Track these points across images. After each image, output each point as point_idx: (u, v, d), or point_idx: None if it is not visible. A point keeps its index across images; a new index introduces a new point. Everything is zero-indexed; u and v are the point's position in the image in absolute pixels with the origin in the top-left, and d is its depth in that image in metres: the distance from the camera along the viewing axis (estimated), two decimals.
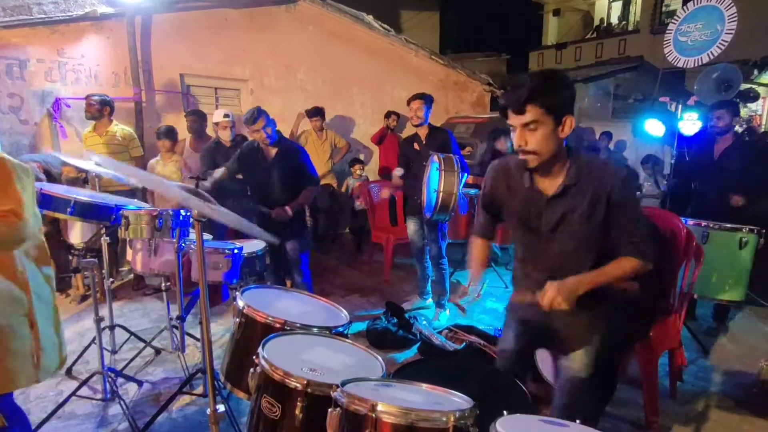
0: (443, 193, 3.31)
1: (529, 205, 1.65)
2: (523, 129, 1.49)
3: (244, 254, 2.81)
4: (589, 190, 1.56)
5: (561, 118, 1.48)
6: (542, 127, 1.47)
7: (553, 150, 1.52)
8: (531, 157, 1.51)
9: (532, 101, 1.44)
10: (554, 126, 1.48)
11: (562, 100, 1.48)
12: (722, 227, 3.18)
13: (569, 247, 1.62)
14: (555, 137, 1.50)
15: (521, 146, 1.51)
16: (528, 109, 1.45)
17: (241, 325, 1.65)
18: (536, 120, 1.46)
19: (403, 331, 3.63)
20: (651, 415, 2.62)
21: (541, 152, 1.50)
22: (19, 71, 4.61)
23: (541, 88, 1.45)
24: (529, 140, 1.49)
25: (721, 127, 3.72)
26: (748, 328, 3.98)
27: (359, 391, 1.08)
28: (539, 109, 1.45)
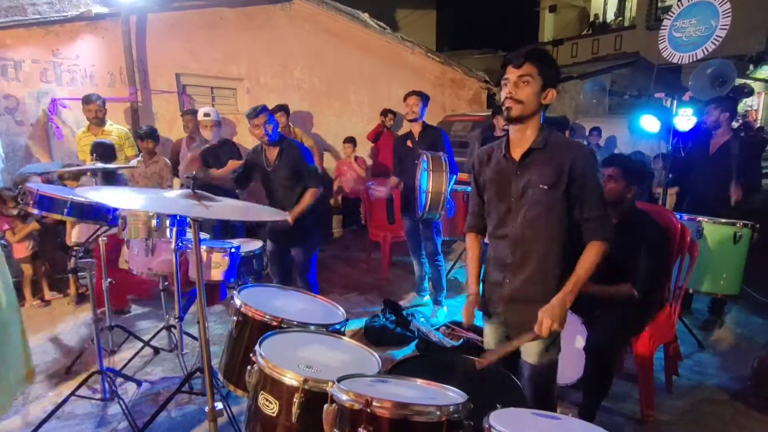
0: (431, 193, 3.36)
1: (502, 173, 1.82)
2: (517, 81, 1.69)
3: (242, 253, 2.82)
4: (554, 160, 1.72)
5: (547, 86, 1.71)
6: (532, 85, 1.68)
7: (533, 108, 1.71)
8: (515, 105, 1.69)
9: (531, 60, 1.68)
10: (540, 89, 1.70)
11: (552, 73, 1.72)
12: (717, 222, 3.21)
13: (532, 214, 1.75)
14: (537, 99, 1.71)
15: (510, 94, 1.70)
16: (526, 65, 1.67)
17: (238, 324, 1.66)
18: (530, 75, 1.67)
19: (401, 328, 3.64)
20: (647, 409, 2.65)
21: (525, 104, 1.69)
22: (14, 72, 4.59)
23: (540, 54, 1.71)
24: (518, 91, 1.69)
25: (709, 123, 3.74)
26: (743, 322, 4.01)
27: (355, 387, 1.09)
28: (534, 68, 1.68)
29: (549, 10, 16.84)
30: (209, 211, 1.18)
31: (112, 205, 1.17)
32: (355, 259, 5.74)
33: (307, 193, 3.33)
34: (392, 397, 1.04)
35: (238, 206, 1.34)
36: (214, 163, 4.24)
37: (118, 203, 1.18)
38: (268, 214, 1.47)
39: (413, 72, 7.21)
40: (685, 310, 4.01)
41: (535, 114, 1.74)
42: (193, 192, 1.24)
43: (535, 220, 1.76)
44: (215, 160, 4.20)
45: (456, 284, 4.91)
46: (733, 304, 4.12)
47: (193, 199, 1.22)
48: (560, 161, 1.72)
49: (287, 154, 3.31)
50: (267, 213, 1.47)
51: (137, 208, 1.22)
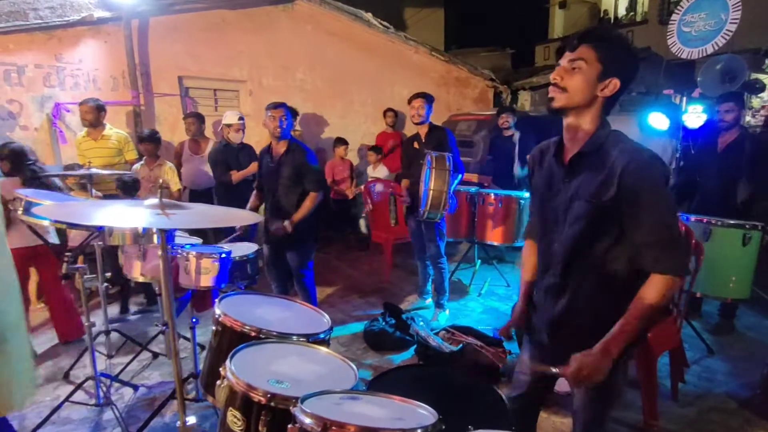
0: (433, 191, 3.32)
1: (550, 178, 1.53)
2: (567, 65, 1.39)
3: (235, 258, 2.78)
4: (604, 168, 1.37)
5: (608, 75, 1.37)
6: (585, 71, 1.37)
7: (584, 100, 1.39)
8: (559, 94, 1.40)
9: (589, 41, 1.37)
10: (597, 78, 1.37)
11: (619, 59, 1.38)
12: (725, 223, 3.10)
13: (576, 231, 1.43)
14: (592, 88, 1.38)
15: (555, 80, 1.40)
16: (581, 48, 1.37)
17: (217, 333, 1.63)
18: (583, 59, 1.36)
19: (400, 332, 3.59)
20: (650, 418, 2.56)
21: (572, 93, 1.39)
22: (18, 77, 4.64)
23: (603, 35, 1.39)
24: (565, 77, 1.39)
25: (728, 122, 3.60)
26: (755, 326, 3.88)
27: (318, 407, 1.04)
28: (592, 52, 1.36)
29: (559, 7, 16.59)
30: (172, 220, 1.15)
31: (67, 220, 1.13)
32: (357, 261, 5.70)
33: (308, 198, 3.30)
34: (355, 420, 0.99)
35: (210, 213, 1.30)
36: (234, 165, 4.44)
37: (74, 217, 1.15)
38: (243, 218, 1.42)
39: (417, 71, 7.15)
40: (694, 313, 3.90)
41: (588, 108, 1.40)
42: (160, 202, 1.20)
43: (579, 238, 1.43)
44: (235, 162, 4.45)
45: (459, 286, 4.84)
46: (745, 308, 3.99)
47: (158, 209, 1.18)
48: (611, 169, 1.36)
49: (294, 154, 3.28)
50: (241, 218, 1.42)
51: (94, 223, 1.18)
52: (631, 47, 1.44)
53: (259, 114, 5.84)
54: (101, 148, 4.44)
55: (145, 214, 1.20)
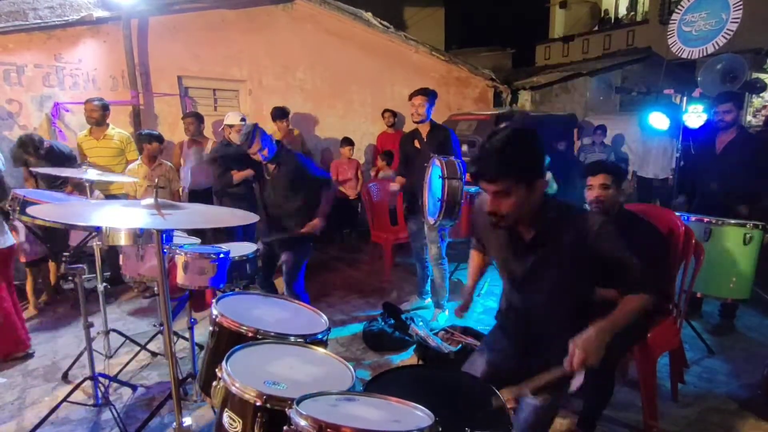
0: (447, 202, 3.23)
1: (509, 248, 1.67)
2: (495, 198, 1.49)
3: (234, 258, 2.78)
4: (564, 240, 1.54)
5: (532, 182, 1.47)
6: (514, 195, 1.46)
7: (526, 211, 1.52)
8: (503, 220, 1.51)
9: (503, 175, 1.44)
10: (526, 192, 1.47)
11: (532, 166, 1.47)
12: (726, 223, 3.08)
13: (543, 294, 1.64)
14: (527, 199, 1.49)
15: (493, 210, 1.50)
16: (499, 182, 1.45)
17: (214, 334, 1.62)
18: (505, 191, 1.46)
19: (400, 332, 3.58)
20: (649, 419, 2.54)
21: (515, 215, 1.51)
22: (17, 77, 4.63)
23: (511, 160, 1.44)
24: (501, 206, 1.48)
25: (727, 122, 3.58)
26: (756, 326, 3.87)
27: (313, 409, 1.04)
28: (509, 181, 1.45)
29: (559, 6, 16.58)
30: (168, 221, 1.14)
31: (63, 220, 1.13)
32: (356, 261, 5.70)
33: (323, 199, 3.33)
34: (350, 422, 0.98)
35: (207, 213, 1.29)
36: (235, 165, 4.44)
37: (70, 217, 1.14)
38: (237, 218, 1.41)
39: (417, 71, 7.14)
40: (694, 313, 3.88)
41: (530, 211, 1.54)
42: (156, 202, 1.20)
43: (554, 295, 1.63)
44: (236, 163, 4.43)
45: (459, 287, 4.83)
46: (746, 308, 3.97)
47: (153, 209, 1.18)
48: (572, 241, 1.53)
49: (284, 167, 3.28)
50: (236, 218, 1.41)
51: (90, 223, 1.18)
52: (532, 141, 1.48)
53: (259, 114, 5.85)
54: (103, 147, 4.45)
55: (142, 214, 1.19)
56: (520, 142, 1.47)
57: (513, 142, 1.45)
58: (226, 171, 4.43)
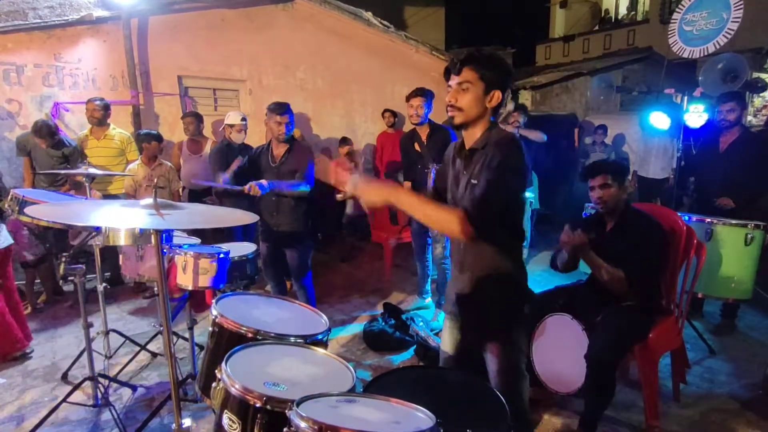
0: None
1: (456, 172, 1.79)
2: (457, 87, 1.65)
3: (234, 258, 2.77)
4: (484, 156, 1.65)
5: (490, 90, 1.65)
6: (472, 90, 1.63)
7: (477, 113, 1.67)
8: (457, 113, 1.66)
9: (469, 65, 1.63)
10: (483, 93, 1.64)
11: (495, 74, 1.64)
12: (727, 223, 3.07)
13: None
14: (481, 103, 1.65)
15: (451, 102, 1.66)
16: (464, 71, 1.63)
17: (213, 335, 1.61)
18: (469, 81, 1.63)
19: (400, 332, 3.58)
20: (651, 420, 2.54)
21: (466, 111, 1.65)
22: (17, 77, 4.63)
23: (479, 58, 1.64)
24: (459, 98, 1.65)
25: (731, 121, 3.58)
26: (757, 326, 3.86)
27: (313, 410, 1.03)
28: (474, 73, 1.62)
29: (560, 6, 16.56)
30: (167, 221, 1.13)
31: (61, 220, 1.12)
32: (357, 261, 5.69)
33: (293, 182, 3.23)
34: (351, 424, 0.97)
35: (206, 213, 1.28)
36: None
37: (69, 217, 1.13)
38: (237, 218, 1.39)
39: (418, 70, 7.13)
40: (696, 313, 3.87)
41: (480, 118, 1.69)
42: (155, 202, 1.19)
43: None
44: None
45: None
46: (747, 308, 3.96)
47: (152, 209, 1.17)
48: (486, 154, 1.65)
49: (297, 153, 3.26)
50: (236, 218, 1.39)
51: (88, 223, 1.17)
52: (502, 62, 1.69)
53: (259, 114, 5.82)
54: (104, 147, 4.45)
55: (140, 214, 1.18)
56: (492, 54, 1.68)
57: (485, 51, 1.67)
58: (226, 171, 4.43)
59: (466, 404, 1.43)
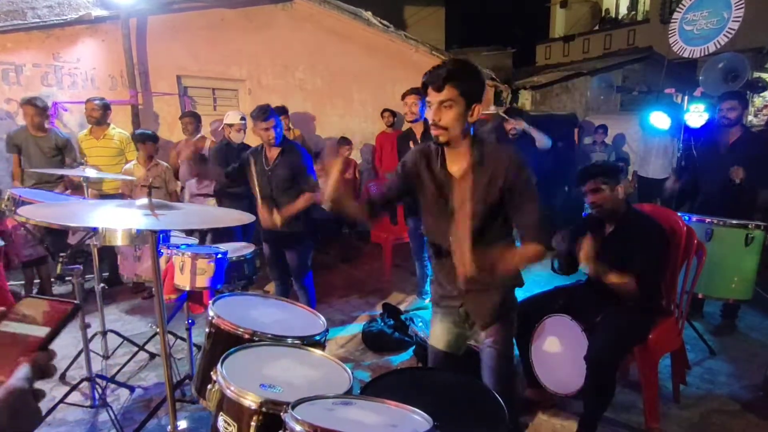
0: None
1: (440, 187, 1.79)
2: (440, 106, 1.63)
3: (232, 258, 2.77)
4: (488, 172, 1.70)
5: (471, 104, 1.65)
6: (455, 108, 1.63)
7: (461, 130, 1.67)
8: (442, 132, 1.66)
9: (451, 82, 1.60)
10: (465, 109, 1.64)
11: (475, 89, 1.66)
12: (728, 224, 3.06)
13: (475, 227, 1.71)
14: (464, 119, 1.66)
15: (435, 121, 1.65)
16: (446, 89, 1.61)
17: (210, 336, 1.60)
18: (451, 99, 1.62)
19: (399, 333, 3.56)
20: (651, 421, 2.52)
21: (451, 129, 1.65)
22: (15, 76, 4.62)
23: (459, 73, 1.62)
24: (443, 117, 1.64)
25: (731, 119, 3.56)
26: (758, 327, 3.85)
27: (309, 413, 1.02)
28: (455, 91, 1.61)
29: (560, 6, 16.55)
30: (162, 221, 1.12)
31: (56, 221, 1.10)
32: (357, 261, 5.68)
33: (302, 197, 3.18)
34: (346, 427, 0.96)
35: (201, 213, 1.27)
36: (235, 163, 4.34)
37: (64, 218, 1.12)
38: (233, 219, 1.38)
39: (417, 70, 7.01)
40: (696, 314, 3.86)
41: (464, 134, 1.70)
42: (149, 202, 1.18)
43: (476, 231, 1.72)
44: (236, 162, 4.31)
45: None
46: (747, 308, 3.95)
47: (147, 209, 1.16)
48: (494, 173, 1.69)
49: (288, 156, 3.18)
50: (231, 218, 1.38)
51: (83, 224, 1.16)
52: (479, 73, 1.69)
53: None
54: (103, 147, 4.43)
55: (135, 214, 1.17)
56: (467, 64, 1.68)
57: (460, 62, 1.68)
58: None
59: (464, 406, 1.42)
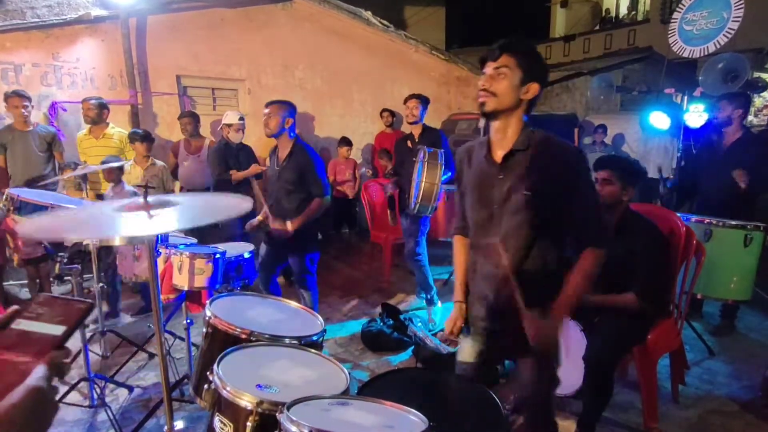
0: (425, 183, 3.35)
1: (483, 176, 1.68)
2: (493, 72, 1.55)
3: (231, 258, 2.76)
4: (538, 163, 1.56)
5: (528, 80, 1.55)
6: (509, 77, 1.54)
7: (511, 103, 1.57)
8: (489, 98, 1.56)
9: (509, 51, 1.54)
10: (519, 83, 1.55)
11: (534, 65, 1.57)
12: (727, 224, 3.06)
13: (516, 223, 1.60)
14: (516, 92, 1.56)
15: (484, 86, 1.57)
16: (503, 56, 1.54)
17: (207, 336, 1.60)
18: (507, 66, 1.53)
19: (398, 333, 3.57)
20: (649, 421, 2.52)
21: (500, 97, 1.55)
22: (15, 76, 4.62)
23: (520, 45, 1.56)
24: (493, 83, 1.55)
25: (721, 119, 3.57)
26: (756, 327, 3.84)
27: (304, 414, 1.01)
28: (512, 60, 1.53)
29: (560, 6, 16.54)
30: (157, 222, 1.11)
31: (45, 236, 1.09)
32: (356, 261, 5.67)
33: (313, 203, 3.13)
34: (342, 428, 0.96)
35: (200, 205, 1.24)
36: (234, 165, 4.42)
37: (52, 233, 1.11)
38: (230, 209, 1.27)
39: (417, 70, 7.11)
40: (695, 314, 3.86)
41: (513, 110, 1.58)
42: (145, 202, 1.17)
43: (519, 229, 1.59)
44: (235, 162, 4.44)
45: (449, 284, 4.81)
46: (747, 309, 3.95)
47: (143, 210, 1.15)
48: (546, 164, 1.55)
49: (297, 158, 3.13)
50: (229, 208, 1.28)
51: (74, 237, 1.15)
52: (540, 55, 1.63)
53: (258, 113, 5.77)
54: (102, 146, 4.43)
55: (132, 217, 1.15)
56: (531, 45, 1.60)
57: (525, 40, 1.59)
58: (224, 171, 4.42)
59: (463, 408, 1.42)
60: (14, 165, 4.24)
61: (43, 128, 4.37)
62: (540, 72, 1.58)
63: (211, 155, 4.51)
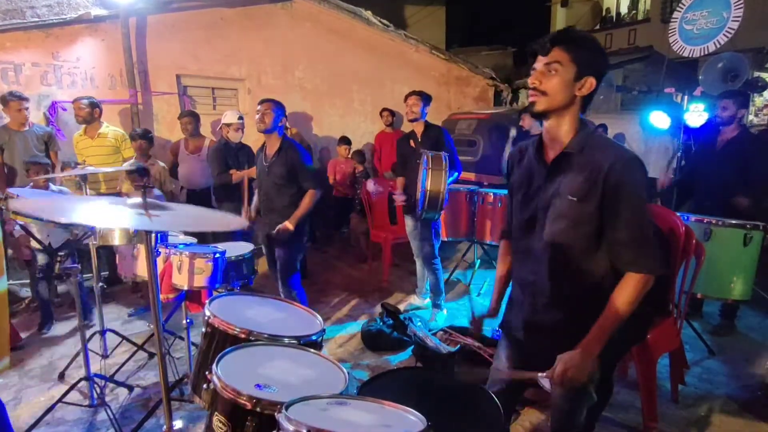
0: (430, 191, 3.31)
1: (531, 177, 1.55)
2: (544, 68, 1.40)
3: (231, 257, 2.76)
4: (588, 167, 1.40)
5: (582, 74, 1.39)
6: (561, 73, 1.38)
7: (564, 101, 1.41)
8: (539, 97, 1.42)
9: (560, 44, 1.39)
10: (573, 78, 1.39)
11: (591, 57, 1.41)
12: (726, 223, 3.05)
13: (558, 229, 1.45)
14: (570, 89, 1.40)
15: (534, 84, 1.42)
16: (554, 51, 1.39)
17: (206, 336, 1.60)
18: (558, 61, 1.38)
19: (398, 332, 3.56)
20: (649, 421, 2.52)
21: (552, 96, 1.40)
22: (15, 75, 4.62)
23: (571, 35, 1.41)
24: (543, 81, 1.40)
25: (724, 117, 3.57)
26: (756, 327, 3.84)
27: (302, 414, 1.02)
28: (565, 54, 1.38)
29: (561, 5, 16.52)
30: (154, 222, 1.12)
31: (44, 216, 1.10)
32: (356, 261, 5.67)
33: (306, 196, 3.23)
34: (340, 427, 0.96)
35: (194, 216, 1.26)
36: (234, 164, 4.42)
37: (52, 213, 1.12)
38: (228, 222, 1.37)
39: (417, 70, 7.11)
40: (695, 314, 3.86)
41: (567, 108, 1.42)
42: (144, 201, 1.17)
43: (561, 235, 1.45)
44: (235, 162, 4.44)
45: (458, 287, 4.81)
46: (746, 309, 3.95)
47: (141, 209, 1.15)
48: (594, 168, 1.38)
49: (286, 153, 3.21)
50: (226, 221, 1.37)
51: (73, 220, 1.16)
52: (599, 45, 1.47)
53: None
54: (98, 146, 4.43)
55: (128, 213, 1.16)
56: (587, 34, 1.47)
57: (580, 31, 1.46)
58: (224, 170, 4.42)
59: (461, 407, 1.41)
60: (12, 165, 4.24)
61: (39, 128, 4.38)
62: (598, 65, 1.42)
63: (211, 155, 4.51)
